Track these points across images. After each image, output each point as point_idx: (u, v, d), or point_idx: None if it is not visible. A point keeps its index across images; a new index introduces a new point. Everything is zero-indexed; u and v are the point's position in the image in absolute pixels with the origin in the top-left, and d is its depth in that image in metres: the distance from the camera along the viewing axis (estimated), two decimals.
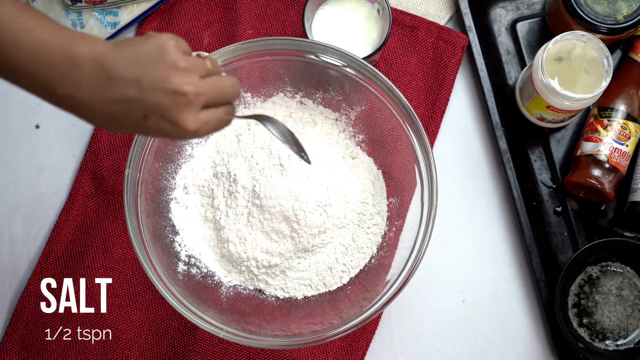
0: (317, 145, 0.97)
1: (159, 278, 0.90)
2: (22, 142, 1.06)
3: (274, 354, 1.01)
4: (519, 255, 1.05)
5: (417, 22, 1.07)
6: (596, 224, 1.05)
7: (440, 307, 1.04)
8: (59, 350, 1.01)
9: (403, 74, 1.07)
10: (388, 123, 0.96)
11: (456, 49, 1.07)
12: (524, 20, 1.08)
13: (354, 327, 0.90)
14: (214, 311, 0.92)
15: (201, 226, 0.98)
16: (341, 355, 1.02)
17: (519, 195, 1.04)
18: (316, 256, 0.97)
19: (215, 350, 1.01)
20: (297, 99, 1.01)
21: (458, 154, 1.07)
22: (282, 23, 1.08)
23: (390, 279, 0.92)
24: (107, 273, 1.02)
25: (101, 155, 1.05)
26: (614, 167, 1.00)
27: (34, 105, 1.07)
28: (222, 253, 0.97)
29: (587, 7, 1.00)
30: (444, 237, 1.05)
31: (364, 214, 0.98)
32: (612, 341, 1.03)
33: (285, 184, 0.94)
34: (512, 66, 1.08)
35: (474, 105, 1.08)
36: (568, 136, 1.07)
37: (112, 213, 1.04)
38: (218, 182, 0.97)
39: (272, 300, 0.98)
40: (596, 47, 0.97)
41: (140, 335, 1.02)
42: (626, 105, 1.01)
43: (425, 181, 0.92)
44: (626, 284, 1.04)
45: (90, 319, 1.01)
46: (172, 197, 0.98)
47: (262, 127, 0.99)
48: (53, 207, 1.05)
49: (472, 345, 1.04)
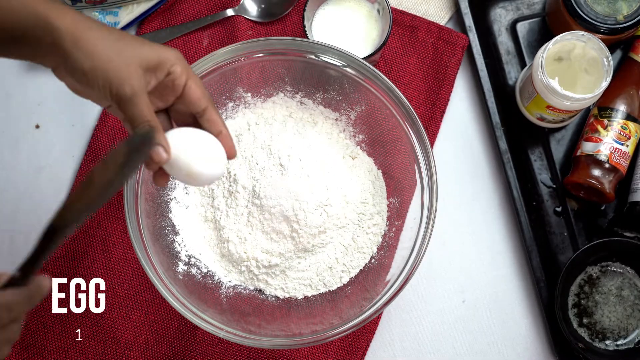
0: (317, 145, 0.97)
1: (159, 278, 0.90)
2: (22, 142, 1.06)
3: (274, 354, 1.01)
4: (519, 255, 1.05)
5: (417, 22, 1.07)
6: (596, 224, 1.05)
7: (440, 307, 1.04)
8: (59, 350, 1.01)
9: (403, 74, 1.07)
10: (388, 123, 0.96)
11: (456, 49, 1.07)
12: (524, 20, 1.08)
13: (354, 327, 0.90)
14: (214, 311, 0.92)
15: (201, 226, 0.98)
16: (341, 355, 1.02)
17: (519, 195, 1.04)
18: (316, 256, 0.97)
19: (215, 350, 1.01)
20: (297, 99, 1.01)
21: (458, 154, 1.07)
22: (282, 23, 1.08)
23: (390, 279, 0.92)
24: (107, 273, 1.02)
25: (101, 155, 1.05)
26: (614, 167, 1.00)
27: (34, 105, 1.07)
28: (222, 253, 0.97)
29: (587, 7, 1.00)
30: (444, 237, 1.05)
31: (364, 214, 0.98)
32: (612, 341, 1.03)
33: (285, 184, 0.94)
34: (512, 66, 1.08)
35: (474, 105, 1.08)
36: (568, 136, 1.07)
37: (112, 213, 1.04)
38: (218, 182, 0.97)
39: (272, 300, 0.98)
40: (596, 47, 0.97)
41: (140, 335, 1.02)
42: (626, 105, 1.01)
43: (425, 181, 0.92)
44: (626, 284, 1.04)
45: (90, 319, 1.01)
46: (172, 197, 0.98)
47: (262, 127, 0.99)
48: (53, 207, 1.04)
49: (472, 345, 1.04)
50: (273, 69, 0.98)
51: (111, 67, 0.68)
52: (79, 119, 1.06)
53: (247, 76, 0.98)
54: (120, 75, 0.68)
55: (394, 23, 1.06)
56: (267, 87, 1.00)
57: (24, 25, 0.67)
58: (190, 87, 0.74)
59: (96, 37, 0.68)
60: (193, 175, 0.74)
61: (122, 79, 0.68)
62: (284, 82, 0.99)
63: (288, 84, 0.99)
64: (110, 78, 0.68)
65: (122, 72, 0.68)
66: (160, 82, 0.73)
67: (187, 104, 0.75)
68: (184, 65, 0.73)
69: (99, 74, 0.68)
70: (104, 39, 0.69)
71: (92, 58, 0.68)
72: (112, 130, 1.05)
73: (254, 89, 1.00)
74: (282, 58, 0.94)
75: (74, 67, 0.68)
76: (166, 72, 0.72)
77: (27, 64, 1.07)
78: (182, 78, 0.73)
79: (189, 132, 0.74)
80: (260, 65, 0.96)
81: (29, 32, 0.68)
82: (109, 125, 1.05)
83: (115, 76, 0.68)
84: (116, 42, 0.70)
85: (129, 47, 0.70)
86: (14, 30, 0.68)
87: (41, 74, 1.07)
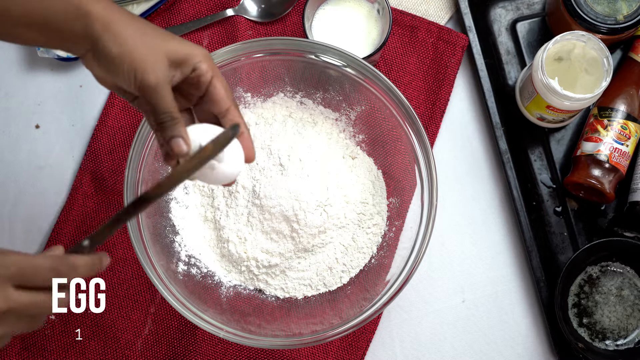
0: (317, 145, 0.98)
1: (159, 278, 0.90)
2: (22, 142, 1.06)
3: (274, 354, 1.01)
4: (519, 255, 1.05)
5: (417, 22, 1.07)
6: (596, 224, 1.05)
7: (440, 307, 1.04)
8: (59, 350, 1.01)
9: (403, 74, 1.07)
10: (388, 123, 0.96)
11: (456, 49, 1.07)
12: (524, 20, 1.08)
13: (354, 327, 0.90)
14: (214, 311, 0.92)
15: (201, 226, 0.98)
16: (341, 355, 1.02)
17: (519, 195, 1.04)
18: (316, 256, 0.97)
19: (215, 350, 1.01)
20: (297, 99, 1.01)
21: (458, 154, 1.07)
22: (282, 23, 1.08)
23: (390, 279, 0.93)
24: (107, 273, 1.02)
25: (101, 155, 1.05)
26: (614, 167, 1.00)
27: (34, 105, 1.07)
28: (222, 253, 0.97)
29: (587, 7, 1.00)
30: (444, 237, 1.05)
31: (364, 214, 0.98)
32: (612, 341, 1.03)
33: (285, 184, 0.94)
34: (512, 66, 1.08)
35: (474, 105, 1.08)
36: (568, 136, 1.07)
37: (112, 213, 1.03)
38: None
39: (272, 300, 0.98)
40: (596, 47, 0.97)
41: (140, 335, 1.02)
42: (626, 105, 1.01)
43: (425, 181, 0.92)
44: (626, 284, 1.04)
45: (90, 318, 1.01)
46: (172, 197, 0.98)
47: (262, 127, 0.99)
48: (53, 207, 1.05)
49: (472, 345, 1.04)
50: (273, 69, 0.98)
51: (138, 54, 0.69)
52: (79, 119, 1.07)
53: (247, 76, 0.98)
54: (146, 64, 0.69)
55: (394, 23, 1.06)
56: (267, 87, 1.00)
57: (55, 11, 0.68)
58: (214, 86, 0.74)
59: (126, 26, 0.69)
60: (210, 172, 0.74)
61: (148, 67, 0.69)
62: (284, 82, 1.00)
63: (288, 84, 0.99)
64: (136, 65, 0.69)
65: (148, 60, 0.69)
66: (185, 78, 0.73)
67: (211, 103, 0.75)
68: (210, 64, 0.74)
69: (126, 61, 0.69)
70: (133, 28, 0.70)
71: (120, 44, 0.69)
72: (112, 131, 1.05)
73: (254, 89, 1.00)
74: (282, 58, 0.94)
75: (103, 53, 0.69)
76: (192, 68, 0.73)
77: (27, 64, 1.07)
78: (207, 76, 0.73)
79: (210, 129, 0.75)
80: (260, 65, 0.96)
81: (59, 18, 0.69)
82: (109, 125, 1.05)
83: (141, 64, 0.69)
84: (145, 32, 0.71)
85: (158, 39, 0.71)
86: (46, 16, 0.69)
87: (41, 73, 1.07)
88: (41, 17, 0.69)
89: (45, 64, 1.07)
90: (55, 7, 0.68)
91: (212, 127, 0.75)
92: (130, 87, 0.71)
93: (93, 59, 0.71)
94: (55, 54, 1.03)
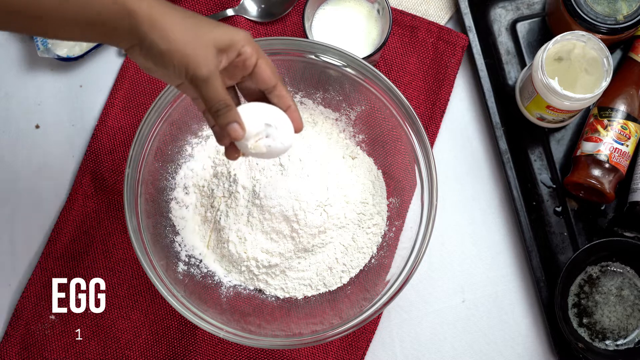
0: (317, 145, 0.98)
1: (159, 278, 0.90)
2: (22, 142, 1.06)
3: (274, 354, 1.01)
4: (519, 255, 1.05)
5: (417, 22, 1.07)
6: (596, 224, 1.05)
7: (440, 307, 1.04)
8: (59, 350, 1.01)
9: (403, 74, 1.07)
10: (388, 123, 0.96)
11: (456, 49, 1.07)
12: (524, 20, 1.08)
13: (354, 327, 0.90)
14: (214, 311, 0.92)
15: (201, 226, 0.98)
16: (341, 355, 1.02)
17: (519, 195, 1.04)
18: (316, 256, 0.97)
19: (215, 350, 1.01)
20: (297, 99, 1.01)
21: (458, 154, 1.07)
22: (282, 23, 1.08)
23: (390, 279, 0.93)
24: (107, 273, 1.02)
25: (101, 155, 1.05)
26: (614, 167, 1.00)
27: (34, 105, 1.07)
28: (222, 253, 0.97)
29: (587, 7, 1.00)
30: (444, 237, 1.05)
31: (364, 214, 0.98)
32: (612, 341, 1.03)
33: (285, 184, 0.94)
34: (512, 66, 1.08)
35: (474, 105, 1.08)
36: (568, 136, 1.07)
37: (112, 213, 1.04)
38: (218, 182, 0.97)
39: (272, 300, 0.98)
40: (596, 47, 0.97)
41: (140, 335, 1.02)
42: (626, 105, 1.01)
43: (425, 181, 0.92)
44: (626, 284, 1.04)
45: (90, 318, 1.01)
46: (172, 197, 0.98)
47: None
48: (53, 207, 1.05)
49: (472, 345, 1.04)
50: None
51: (187, 49, 0.71)
52: (79, 119, 1.06)
53: None
54: (197, 58, 0.72)
55: (394, 23, 1.06)
56: None
57: (100, 10, 0.70)
58: (260, 67, 0.77)
59: (172, 21, 0.71)
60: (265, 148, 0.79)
61: (199, 61, 0.72)
62: (284, 82, 0.99)
63: (288, 84, 0.99)
64: (186, 60, 0.71)
65: (198, 54, 0.72)
66: (231, 61, 0.76)
67: (258, 81, 0.78)
68: (254, 46, 0.76)
69: (175, 56, 0.71)
70: (179, 23, 0.72)
71: (168, 41, 0.71)
72: (112, 130, 1.05)
73: None
74: (282, 58, 0.94)
75: (150, 49, 0.71)
76: (237, 53, 0.75)
77: (27, 64, 1.07)
78: (253, 58, 0.76)
79: (260, 107, 0.79)
80: None
81: (104, 16, 0.70)
82: (109, 125, 1.05)
83: (192, 58, 0.71)
84: (191, 25, 0.73)
85: (203, 30, 0.73)
86: (92, 16, 0.70)
87: (41, 73, 1.07)
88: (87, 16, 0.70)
89: (45, 64, 1.07)
90: (101, 7, 0.70)
91: (260, 106, 0.79)
92: (180, 79, 0.74)
93: (140, 53, 0.73)
94: (55, 54, 1.03)
